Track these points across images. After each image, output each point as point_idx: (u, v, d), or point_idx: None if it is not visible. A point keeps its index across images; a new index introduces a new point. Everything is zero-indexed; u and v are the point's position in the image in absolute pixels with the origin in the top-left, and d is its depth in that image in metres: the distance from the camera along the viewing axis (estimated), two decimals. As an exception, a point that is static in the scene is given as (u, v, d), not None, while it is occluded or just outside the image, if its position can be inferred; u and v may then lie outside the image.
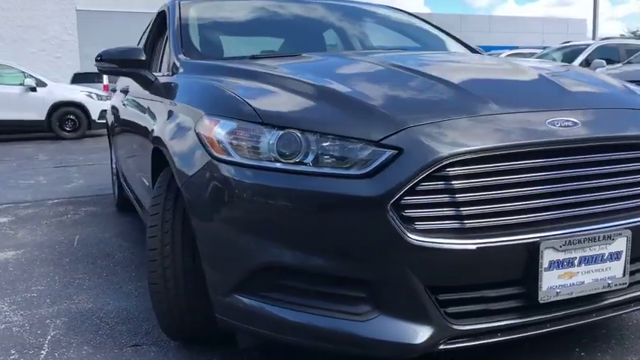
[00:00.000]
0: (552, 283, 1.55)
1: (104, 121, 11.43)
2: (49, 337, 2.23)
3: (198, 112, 1.84)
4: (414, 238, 1.45)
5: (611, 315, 1.71)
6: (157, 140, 2.07)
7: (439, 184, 1.47)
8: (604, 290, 1.62)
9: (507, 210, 1.51)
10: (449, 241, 1.47)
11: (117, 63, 2.67)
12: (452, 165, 1.47)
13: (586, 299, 1.62)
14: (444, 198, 1.48)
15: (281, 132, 1.59)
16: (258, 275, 1.60)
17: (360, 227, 1.48)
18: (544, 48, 11.68)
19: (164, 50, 2.86)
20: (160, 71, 2.88)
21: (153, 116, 2.35)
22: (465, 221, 1.48)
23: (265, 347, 2.01)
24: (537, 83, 1.91)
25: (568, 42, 12.04)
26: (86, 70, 24.79)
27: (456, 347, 1.53)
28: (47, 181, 6.21)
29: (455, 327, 1.51)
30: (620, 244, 1.60)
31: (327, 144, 1.55)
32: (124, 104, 3.42)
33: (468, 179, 1.49)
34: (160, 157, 2.16)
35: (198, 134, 1.77)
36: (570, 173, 1.57)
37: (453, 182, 1.48)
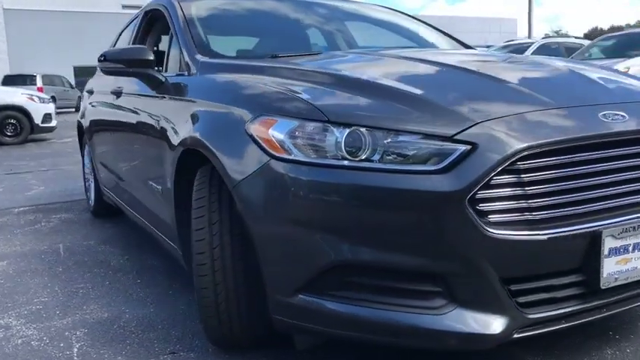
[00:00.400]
0: (611, 269, 1.62)
1: (50, 124, 11.03)
2: (75, 350, 2.14)
3: (245, 112, 1.81)
4: (491, 231, 1.49)
5: None
6: (193, 142, 2.02)
7: (511, 178, 1.51)
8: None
9: (572, 200, 1.57)
10: (522, 233, 1.51)
11: (123, 63, 2.59)
12: (523, 158, 1.52)
13: (638, 284, 1.70)
14: (516, 191, 1.52)
15: (348, 130, 1.59)
16: (329, 274, 1.59)
17: (437, 222, 1.50)
18: (488, 47, 12.07)
19: (169, 50, 2.77)
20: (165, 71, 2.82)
21: (177, 118, 2.27)
22: (535, 213, 1.53)
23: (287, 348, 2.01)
24: (578, 79, 1.99)
25: (511, 40, 12.50)
26: (16, 72, 23.67)
27: (527, 336, 1.58)
28: (3, 189, 5.91)
29: (526, 316, 1.56)
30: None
31: (396, 140, 1.56)
32: (113, 105, 3.30)
33: (537, 172, 1.54)
34: (188, 160, 2.12)
35: (250, 135, 1.74)
36: (625, 164, 1.65)
37: (523, 175, 1.52)
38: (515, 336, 1.56)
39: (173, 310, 2.48)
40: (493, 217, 1.51)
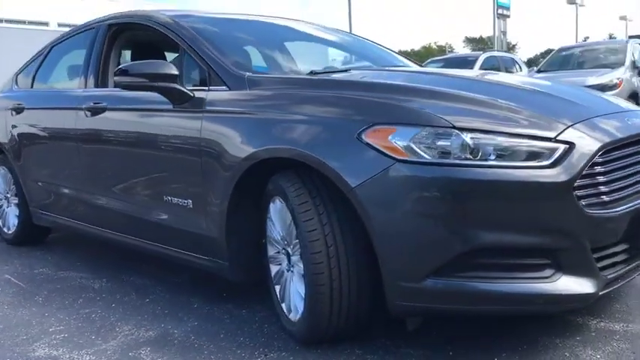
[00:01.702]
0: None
1: None
2: (159, 366, 2.12)
3: (353, 122, 2.00)
4: (587, 211, 1.89)
5: None
6: (283, 153, 2.14)
7: (595, 168, 1.94)
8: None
9: (628, 184, 2.05)
10: (604, 211, 1.94)
11: (148, 77, 2.56)
12: (601, 153, 1.95)
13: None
14: (597, 178, 1.95)
15: (470, 133, 1.88)
16: (461, 258, 1.86)
17: (550, 207, 1.86)
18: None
19: (183, 65, 2.76)
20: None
21: (235, 132, 2.34)
22: (608, 195, 1.97)
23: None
24: (591, 93, 2.52)
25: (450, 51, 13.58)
26: None
27: (607, 292, 2.00)
28: None
29: (606, 277, 1.99)
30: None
31: (509, 142, 1.90)
32: (87, 122, 3.14)
33: (609, 163, 1.98)
34: (253, 171, 2.23)
35: (366, 142, 1.94)
36: None
37: (598, 167, 1.96)
38: (601, 292, 1.97)
39: (218, 321, 2.52)
40: (586, 200, 1.91)
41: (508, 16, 29.82)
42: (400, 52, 3.80)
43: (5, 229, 4.14)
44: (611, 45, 10.35)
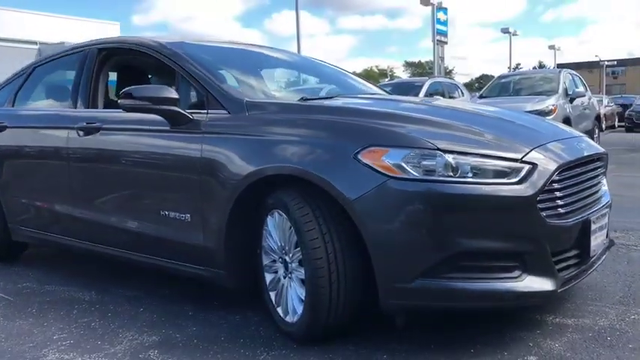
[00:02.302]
0: (594, 243, 2.50)
1: None
2: (171, 365, 2.31)
3: (349, 144, 2.29)
4: (548, 221, 2.24)
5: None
6: (284, 170, 2.40)
7: (551, 185, 2.30)
8: (604, 248, 2.65)
9: (577, 199, 2.42)
10: (559, 221, 2.30)
11: (150, 100, 2.77)
12: (557, 173, 2.32)
13: (598, 256, 2.62)
14: (554, 194, 2.31)
15: (451, 155, 2.21)
16: (444, 261, 2.17)
17: (519, 216, 2.20)
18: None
19: (179, 89, 2.97)
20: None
21: (235, 153, 2.57)
22: (563, 208, 2.34)
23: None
24: (544, 121, 2.90)
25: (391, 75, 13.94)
26: None
27: (562, 290, 2.35)
28: None
29: (562, 277, 2.34)
30: (606, 217, 2.66)
31: (482, 162, 2.23)
32: (79, 141, 3.30)
33: (563, 181, 2.35)
34: (253, 189, 2.48)
35: (361, 161, 2.24)
36: (592, 174, 2.57)
37: (555, 184, 2.32)
38: (559, 290, 2.32)
39: (215, 326, 2.72)
40: (546, 212, 2.26)
41: (445, 43, 31.11)
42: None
43: (-19, 247, 4.18)
44: (546, 74, 11.15)
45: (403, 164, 2.20)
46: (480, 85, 59.16)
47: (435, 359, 2.26)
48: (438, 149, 2.21)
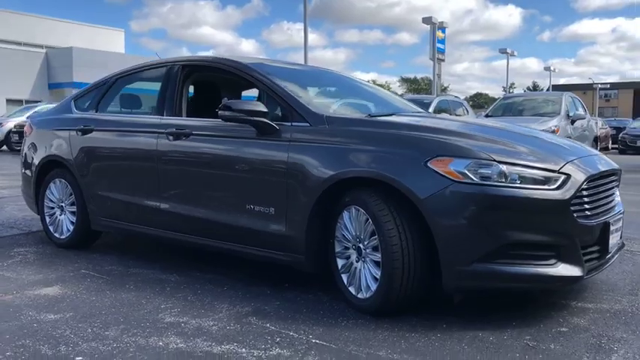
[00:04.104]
0: (612, 242, 3.08)
1: None
2: (270, 326, 2.86)
3: (420, 153, 2.86)
4: (579, 221, 2.82)
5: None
6: (364, 174, 2.97)
7: (581, 192, 2.87)
8: (617, 248, 3.23)
9: (599, 205, 3.00)
10: (586, 221, 2.88)
11: (245, 112, 3.34)
12: (585, 183, 2.90)
13: (613, 253, 3.20)
14: (583, 199, 2.89)
15: (504, 165, 2.78)
16: (497, 249, 2.74)
17: (555, 216, 2.77)
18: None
19: (265, 99, 3.54)
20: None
21: (319, 159, 3.13)
22: (589, 211, 2.91)
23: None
24: (568, 141, 3.49)
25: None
26: None
27: (588, 277, 2.92)
28: None
29: (587, 266, 2.91)
30: (621, 222, 3.24)
31: (528, 171, 2.80)
32: (169, 145, 3.84)
33: (587, 190, 2.93)
34: (332, 189, 3.04)
35: (431, 168, 2.81)
36: (608, 185, 3.16)
37: (584, 192, 2.90)
38: (585, 277, 2.88)
39: (295, 302, 3.26)
40: (577, 213, 2.84)
41: (443, 60, 31.96)
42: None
43: (57, 235, 4.71)
44: (548, 96, 11.80)
45: (466, 171, 2.77)
46: (473, 104, 60.20)
47: (484, 329, 2.80)
48: (494, 160, 2.79)
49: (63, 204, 4.69)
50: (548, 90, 48.92)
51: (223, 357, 2.49)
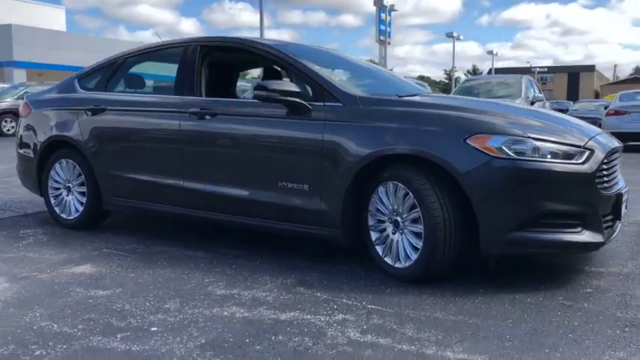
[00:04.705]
0: (623, 211, 3.38)
1: None
2: (323, 296, 3.02)
3: (459, 131, 3.06)
4: (601, 192, 3.10)
5: None
6: (405, 151, 3.14)
7: (602, 166, 3.15)
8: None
9: (613, 177, 3.29)
10: (607, 192, 3.16)
11: (280, 93, 3.45)
12: (606, 156, 3.18)
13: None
14: (603, 172, 3.17)
15: (536, 141, 3.02)
16: (531, 218, 2.98)
17: (582, 187, 3.04)
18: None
19: (298, 78, 3.65)
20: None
21: (354, 136, 3.29)
22: (607, 183, 3.20)
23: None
24: (582, 121, 3.77)
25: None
26: None
27: (607, 242, 3.21)
28: None
29: (607, 232, 3.20)
30: (627, 194, 3.56)
31: (558, 147, 3.06)
32: (194, 125, 3.89)
33: (607, 163, 3.22)
34: (369, 165, 3.22)
35: (470, 145, 3.02)
36: (617, 160, 3.45)
37: (604, 165, 3.18)
38: (606, 242, 3.18)
39: (332, 273, 3.43)
40: (599, 185, 3.12)
41: (389, 43, 32.44)
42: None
43: (64, 216, 4.68)
44: (507, 79, 12.28)
45: (503, 147, 2.99)
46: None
47: (519, 292, 3.05)
48: (529, 137, 3.02)
49: (70, 185, 4.67)
50: (489, 73, 50.38)
51: (293, 323, 2.64)
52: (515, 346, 2.38)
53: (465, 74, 77.62)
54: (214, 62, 4.38)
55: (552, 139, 3.08)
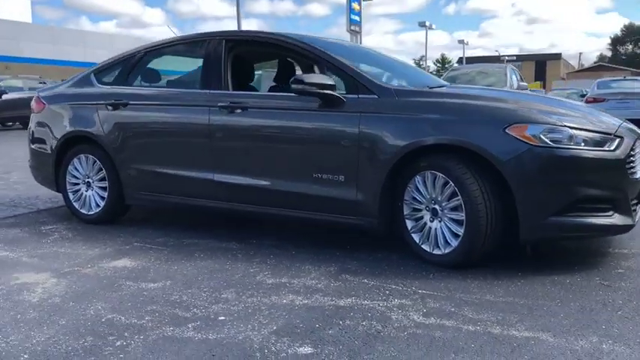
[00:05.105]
0: (644, 194, 3.57)
1: None
2: (371, 282, 3.13)
3: (498, 121, 3.19)
4: (631, 177, 3.27)
5: None
6: (446, 141, 3.25)
7: (630, 152, 3.32)
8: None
9: (638, 163, 3.47)
10: (635, 177, 3.33)
11: (316, 86, 3.53)
12: (633, 143, 3.35)
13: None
14: (631, 158, 3.33)
15: (572, 130, 3.16)
16: (570, 204, 3.13)
17: (614, 173, 3.20)
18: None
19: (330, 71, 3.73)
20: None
21: (392, 128, 3.39)
22: (634, 169, 3.37)
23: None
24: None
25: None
26: None
27: (634, 225, 3.38)
28: None
29: (634, 216, 3.37)
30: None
31: (590, 135, 3.21)
32: (224, 119, 3.95)
33: (634, 149, 3.38)
34: (407, 156, 3.33)
35: (509, 134, 3.15)
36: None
37: (632, 151, 3.34)
38: (634, 225, 3.35)
39: (371, 261, 3.54)
40: (629, 171, 3.28)
41: (359, 32, 32.61)
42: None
43: (84, 211, 4.69)
44: (493, 68, 12.53)
45: (541, 136, 3.13)
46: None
47: (556, 274, 3.21)
48: (565, 125, 3.17)
49: (90, 180, 4.67)
50: (460, 63, 50.93)
51: (354, 309, 2.74)
52: (572, 324, 2.52)
53: (434, 63, 78.19)
54: (240, 56, 4.42)
55: (586, 127, 3.23)
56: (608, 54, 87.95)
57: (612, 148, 3.22)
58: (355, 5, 34.48)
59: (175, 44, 4.55)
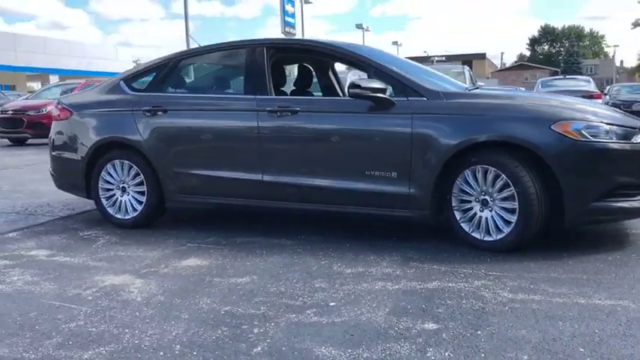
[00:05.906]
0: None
1: None
2: (417, 269, 3.45)
3: (544, 118, 3.59)
4: (652, 163, 3.76)
5: None
6: (498, 137, 3.62)
7: (650, 143, 3.81)
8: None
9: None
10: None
11: (370, 90, 3.84)
12: (653, 133, 3.84)
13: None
14: (656, 147, 3.83)
15: (608, 126, 3.61)
16: (609, 190, 3.57)
17: (640, 162, 3.69)
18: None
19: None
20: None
21: (442, 126, 3.75)
22: (655, 157, 3.87)
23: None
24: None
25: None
26: None
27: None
28: None
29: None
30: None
31: (620, 130, 3.66)
32: (274, 122, 4.18)
33: (651, 141, 3.88)
34: (459, 152, 3.69)
35: (555, 130, 3.55)
36: None
37: (650, 142, 3.84)
38: (653, 208, 3.83)
39: (420, 250, 3.86)
40: (650, 158, 3.77)
41: (294, 34, 33.07)
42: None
43: (119, 216, 4.77)
44: (453, 69, 13.15)
45: (583, 131, 3.56)
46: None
47: (595, 253, 3.63)
48: (602, 122, 3.61)
49: (125, 185, 4.75)
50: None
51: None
52: None
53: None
54: (284, 63, 4.64)
55: (618, 123, 3.69)
56: (527, 53, 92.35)
57: (639, 140, 3.68)
58: (289, 7, 34.82)
59: (211, 51, 4.71)
